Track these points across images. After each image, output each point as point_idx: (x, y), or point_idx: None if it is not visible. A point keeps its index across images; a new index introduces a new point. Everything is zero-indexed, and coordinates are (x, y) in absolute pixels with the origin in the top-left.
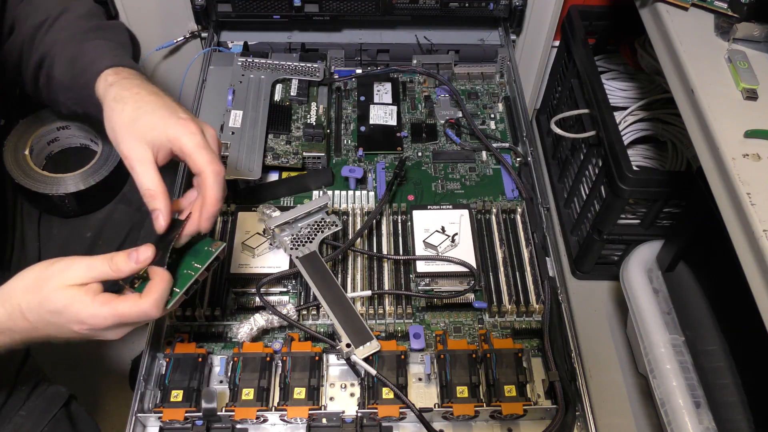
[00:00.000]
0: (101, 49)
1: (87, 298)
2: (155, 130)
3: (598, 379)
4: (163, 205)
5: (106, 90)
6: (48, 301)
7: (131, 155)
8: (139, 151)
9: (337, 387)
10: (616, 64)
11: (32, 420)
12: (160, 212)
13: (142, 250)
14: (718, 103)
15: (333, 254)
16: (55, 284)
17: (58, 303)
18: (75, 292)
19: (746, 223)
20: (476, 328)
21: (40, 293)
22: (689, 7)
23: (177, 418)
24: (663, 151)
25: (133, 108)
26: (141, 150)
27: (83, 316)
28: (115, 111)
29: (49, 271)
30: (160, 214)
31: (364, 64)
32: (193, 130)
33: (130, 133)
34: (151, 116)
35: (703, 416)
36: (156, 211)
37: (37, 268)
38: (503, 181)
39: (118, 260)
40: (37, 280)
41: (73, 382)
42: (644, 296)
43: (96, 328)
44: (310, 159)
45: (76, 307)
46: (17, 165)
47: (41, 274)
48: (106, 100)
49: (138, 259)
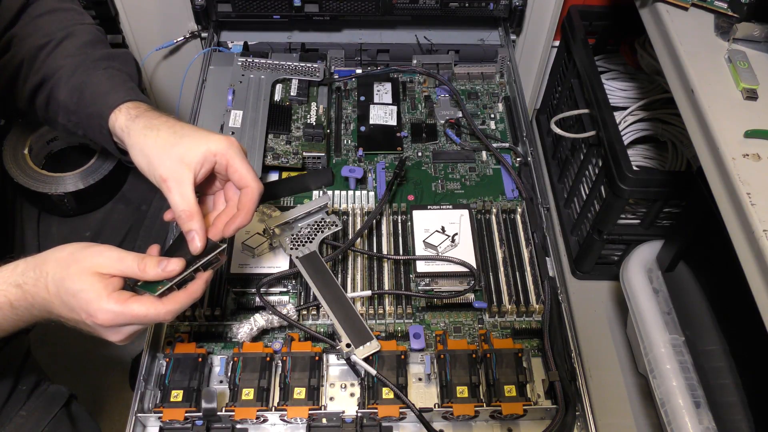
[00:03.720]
0: (114, 81)
1: (103, 292)
2: (198, 147)
3: (598, 379)
4: (199, 227)
5: (132, 121)
6: (70, 279)
7: (171, 176)
8: (180, 172)
9: (337, 387)
10: (616, 64)
11: (33, 420)
12: (196, 233)
13: (172, 263)
14: (718, 103)
15: (333, 254)
16: (82, 266)
17: (77, 285)
18: (95, 280)
19: (746, 223)
20: (476, 328)
21: (67, 269)
22: (689, 7)
23: (177, 418)
24: (663, 151)
25: (169, 133)
26: (181, 170)
27: (93, 308)
28: (149, 137)
29: (83, 252)
30: (196, 235)
31: (364, 64)
32: (237, 145)
33: (168, 155)
34: (190, 137)
35: (703, 416)
36: (192, 232)
37: (74, 245)
38: (503, 181)
39: (148, 263)
40: (69, 255)
41: (73, 382)
42: (644, 296)
43: (101, 324)
44: (310, 159)
45: (89, 295)
46: (16, 164)
47: (75, 253)
48: (134, 131)
49: (166, 268)
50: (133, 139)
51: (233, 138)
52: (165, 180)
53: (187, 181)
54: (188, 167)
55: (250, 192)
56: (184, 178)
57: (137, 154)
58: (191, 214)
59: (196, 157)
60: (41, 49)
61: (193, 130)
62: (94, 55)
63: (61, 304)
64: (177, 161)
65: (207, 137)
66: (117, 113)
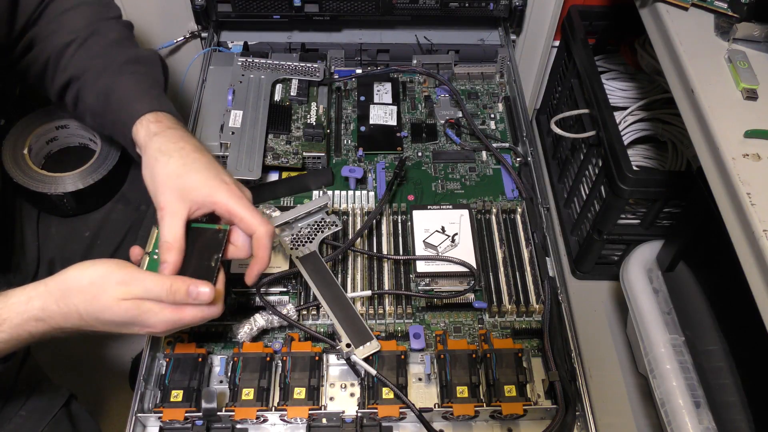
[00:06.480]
0: (141, 87)
1: (155, 308)
2: (200, 190)
3: (598, 379)
4: (173, 260)
5: (150, 138)
6: (109, 312)
7: (167, 208)
8: (176, 206)
9: (337, 387)
10: (616, 64)
11: (32, 420)
12: (169, 266)
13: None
14: (718, 103)
15: (333, 254)
16: (113, 296)
17: (124, 316)
18: (138, 304)
19: (746, 223)
20: (476, 328)
21: (99, 302)
22: (689, 7)
23: (177, 418)
24: (663, 151)
25: (178, 164)
26: (178, 206)
27: (152, 322)
28: (160, 162)
29: (106, 280)
30: (168, 267)
31: (364, 64)
32: (239, 195)
33: (171, 187)
34: (196, 175)
35: (703, 416)
36: (165, 264)
37: (90, 272)
38: (503, 181)
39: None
40: (93, 287)
41: (73, 382)
42: (644, 296)
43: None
44: (310, 159)
45: (145, 316)
46: (16, 164)
47: (98, 281)
48: (149, 150)
49: (197, 296)
50: (146, 158)
51: (238, 187)
52: (161, 209)
53: (180, 216)
54: (185, 205)
55: (260, 237)
56: (177, 213)
57: (146, 173)
58: (171, 247)
59: (196, 198)
60: (67, 46)
61: (203, 167)
62: (121, 58)
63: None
64: (177, 195)
65: (211, 183)
66: (138, 126)
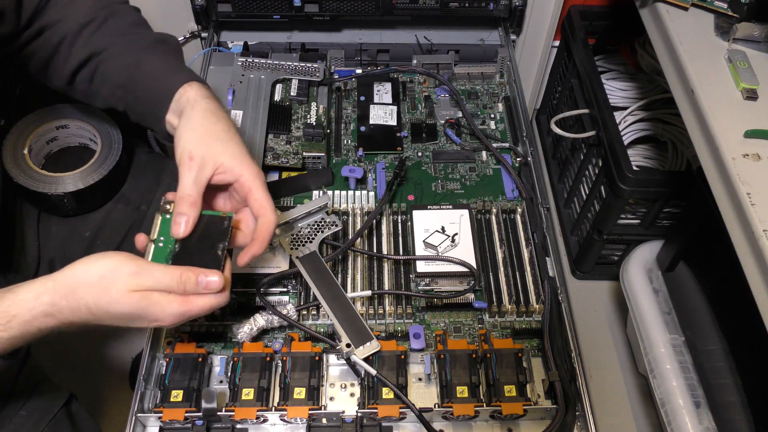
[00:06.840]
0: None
1: (163, 300)
2: (236, 158)
3: (598, 379)
4: (193, 216)
5: (203, 99)
6: (120, 304)
7: (198, 159)
8: (206, 161)
9: (337, 387)
10: (616, 64)
11: (32, 419)
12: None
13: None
14: (718, 103)
15: (333, 254)
16: (123, 288)
17: (134, 307)
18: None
19: (746, 223)
20: (476, 328)
21: (109, 295)
22: (689, 7)
23: (177, 418)
24: (663, 151)
25: (223, 129)
26: (208, 161)
27: (161, 315)
28: (207, 119)
29: (117, 272)
30: (185, 221)
31: (364, 64)
32: (263, 179)
33: (209, 144)
34: (233, 146)
35: (703, 416)
36: (184, 216)
37: (99, 266)
38: (503, 181)
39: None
40: (102, 280)
41: (73, 382)
42: (644, 296)
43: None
44: (310, 159)
45: (153, 308)
46: (16, 164)
47: (107, 274)
48: (201, 106)
49: (207, 286)
50: (195, 112)
51: (260, 170)
52: (192, 158)
53: (207, 172)
54: (214, 164)
55: (266, 222)
56: (206, 168)
57: (187, 126)
58: (194, 201)
59: (225, 163)
60: (85, 26)
61: (239, 143)
62: (148, 37)
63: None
64: (211, 153)
65: (242, 158)
66: (187, 87)
